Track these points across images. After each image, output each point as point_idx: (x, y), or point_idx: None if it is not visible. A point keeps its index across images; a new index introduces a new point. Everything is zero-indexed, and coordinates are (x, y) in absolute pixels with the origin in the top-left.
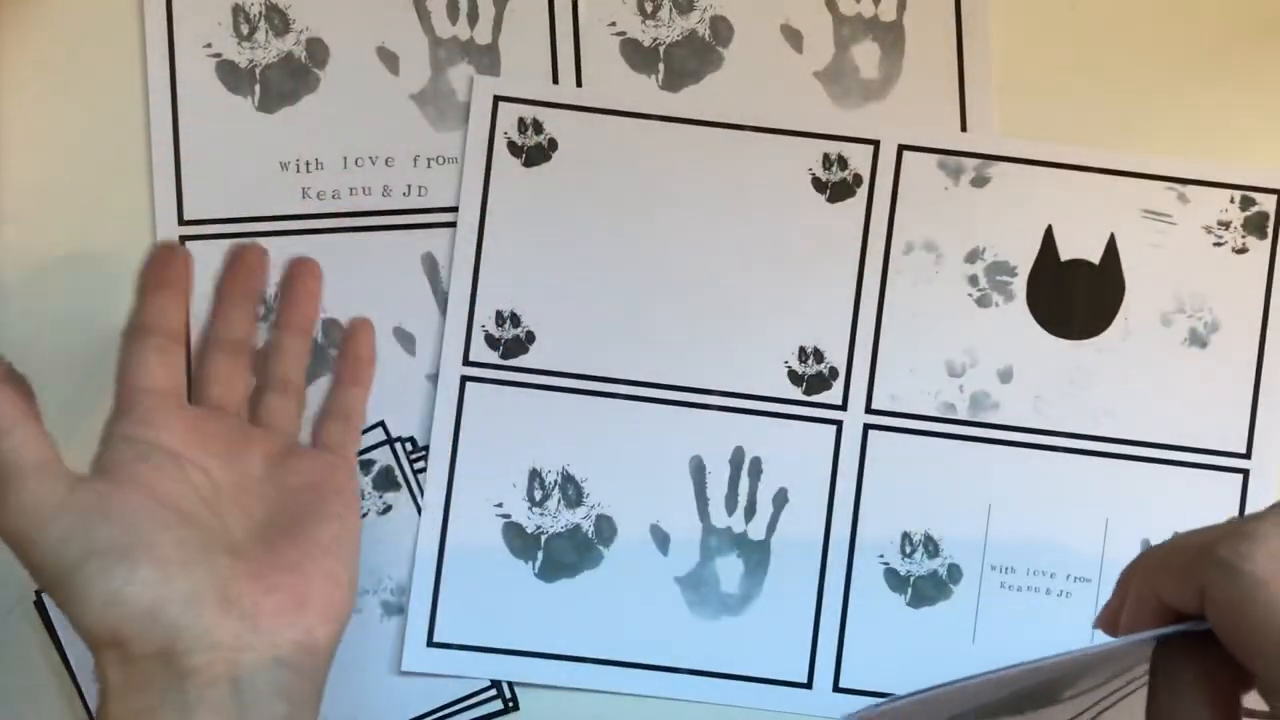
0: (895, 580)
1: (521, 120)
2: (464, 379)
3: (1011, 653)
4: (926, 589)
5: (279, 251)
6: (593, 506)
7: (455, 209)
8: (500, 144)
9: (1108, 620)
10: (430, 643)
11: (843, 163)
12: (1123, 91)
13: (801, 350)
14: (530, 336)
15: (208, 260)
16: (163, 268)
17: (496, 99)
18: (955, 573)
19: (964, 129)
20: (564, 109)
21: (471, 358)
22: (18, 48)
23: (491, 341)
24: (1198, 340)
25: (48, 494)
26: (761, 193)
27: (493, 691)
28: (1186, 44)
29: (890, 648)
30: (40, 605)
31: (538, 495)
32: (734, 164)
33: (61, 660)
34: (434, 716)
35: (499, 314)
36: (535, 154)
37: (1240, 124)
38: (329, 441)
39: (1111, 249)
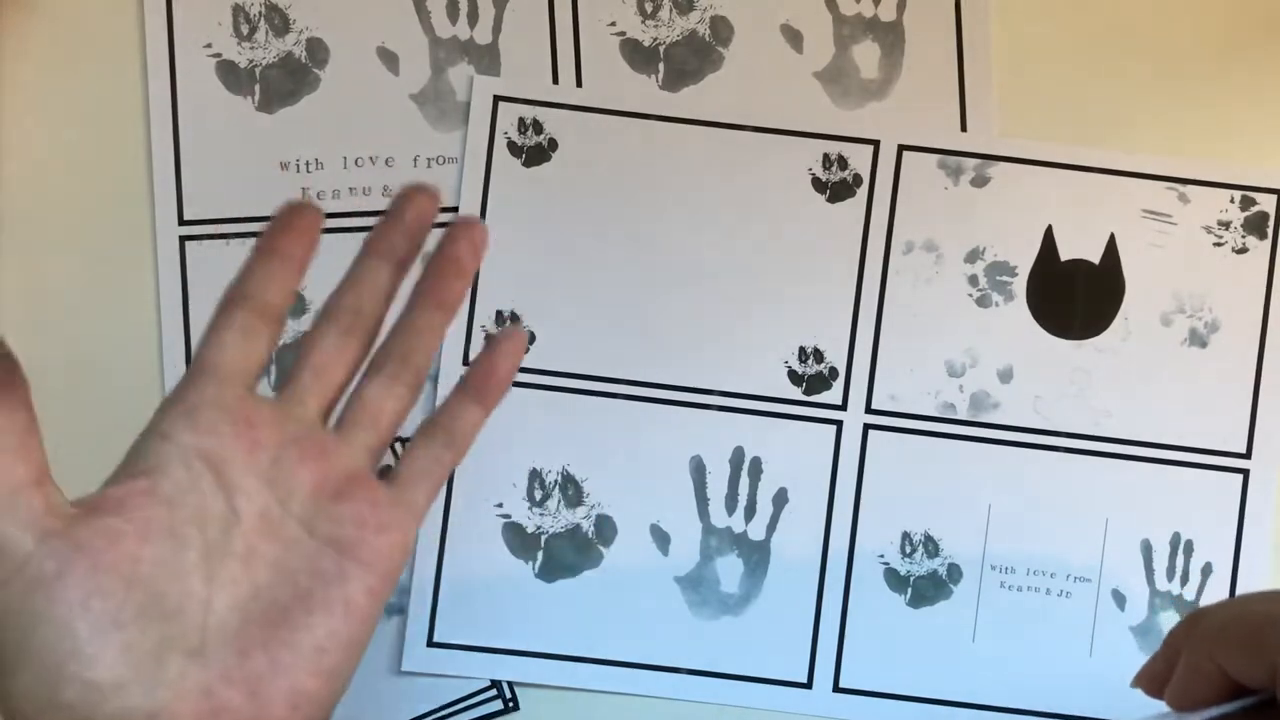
0: (895, 580)
1: (521, 120)
2: (457, 378)
3: (1011, 653)
4: (926, 589)
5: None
6: (593, 506)
7: (455, 209)
8: (500, 144)
9: (1151, 682)
10: (430, 643)
11: (843, 163)
12: (1123, 91)
13: (801, 350)
14: (530, 337)
15: (208, 259)
16: (282, 232)
17: (496, 99)
18: (955, 573)
19: (964, 129)
20: (564, 109)
21: (471, 358)
22: (18, 49)
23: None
24: (1198, 340)
25: (13, 545)
26: (761, 193)
27: (493, 691)
28: (1187, 44)
29: (890, 648)
30: None
31: (538, 495)
32: (734, 164)
33: None
34: (434, 716)
35: (499, 314)
36: (535, 154)
37: (1240, 124)
38: (411, 471)
39: (1111, 249)
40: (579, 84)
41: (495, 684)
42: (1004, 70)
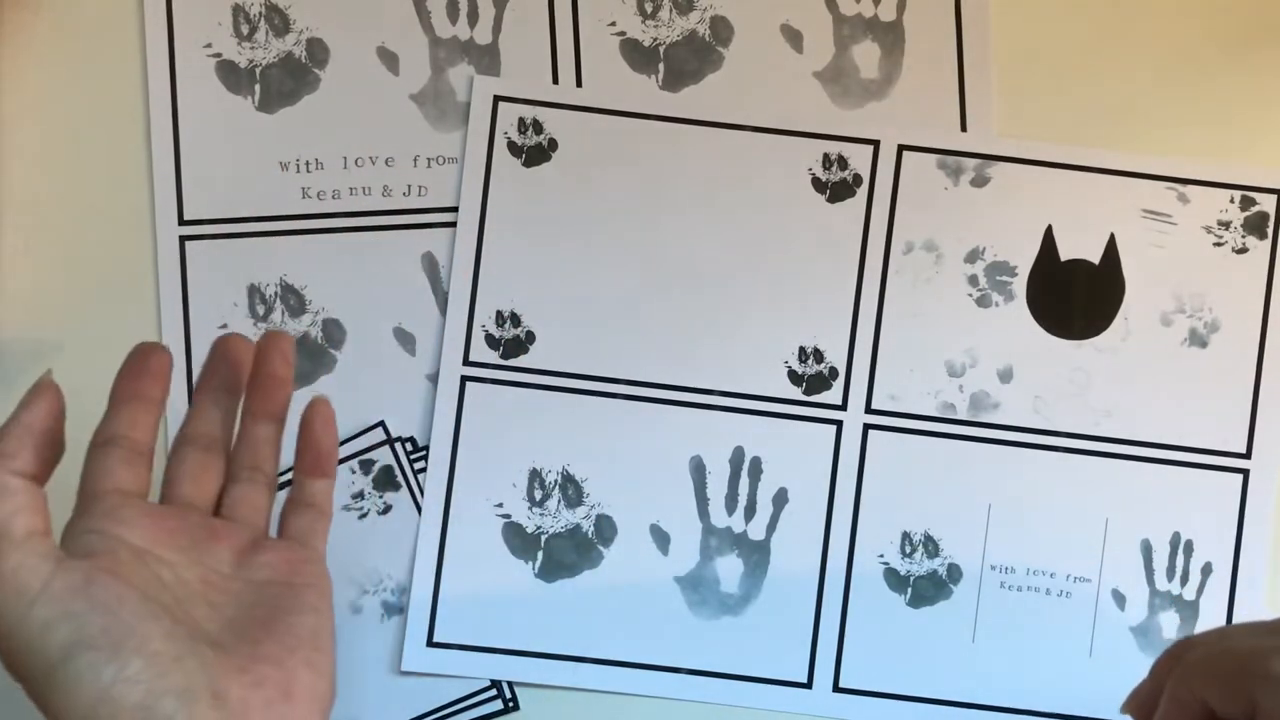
0: (895, 580)
1: (521, 120)
2: (464, 379)
3: (1011, 653)
4: (926, 589)
5: (279, 251)
6: (593, 506)
7: (455, 209)
8: (500, 144)
9: (1140, 708)
10: (430, 643)
11: (843, 163)
12: (1123, 91)
13: (801, 350)
14: (530, 336)
15: (208, 260)
16: (137, 378)
17: (496, 99)
18: (955, 573)
19: (964, 129)
20: (564, 109)
21: (471, 358)
22: (18, 48)
23: (491, 341)
24: (1198, 340)
25: (33, 571)
26: (761, 193)
27: (493, 691)
28: (1186, 45)
29: (890, 648)
30: None
31: (538, 495)
32: (734, 164)
33: None
34: (434, 716)
35: (499, 314)
36: (535, 154)
37: (1240, 124)
38: (296, 533)
39: (1111, 249)
40: (579, 84)
41: (495, 684)
42: (1004, 70)
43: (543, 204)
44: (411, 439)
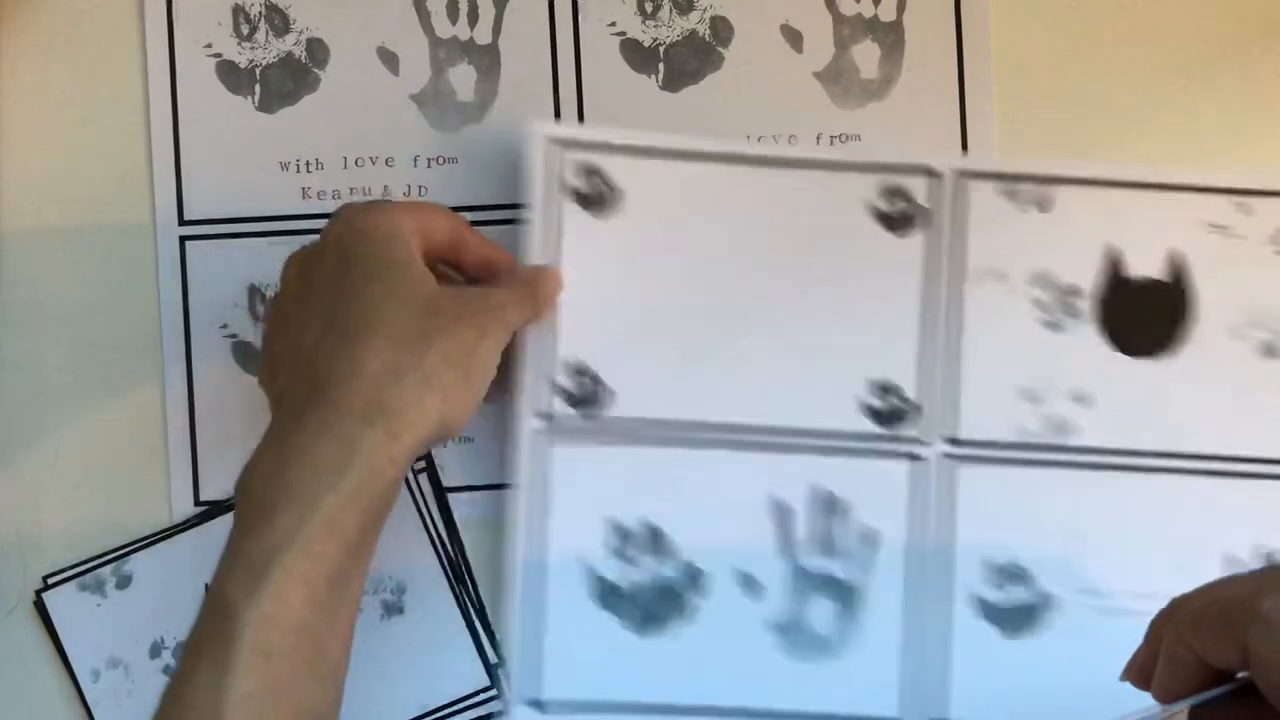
0: (988, 611)
1: (584, 167)
2: (535, 433)
3: (1113, 677)
4: (1019, 619)
5: (280, 251)
6: (678, 556)
7: (455, 209)
8: (564, 192)
9: (1138, 673)
10: (531, 701)
11: (903, 194)
12: (1123, 92)
13: (876, 385)
14: (604, 388)
15: (208, 260)
16: None
17: (554, 143)
18: (1049, 601)
19: (964, 128)
20: (624, 152)
21: (546, 409)
22: (18, 48)
23: (566, 395)
24: (1271, 352)
25: None
26: (823, 228)
27: (493, 691)
28: (1192, 45)
29: (990, 680)
30: (40, 605)
31: (623, 548)
32: (795, 201)
33: (61, 660)
34: (434, 716)
35: (565, 364)
36: (597, 201)
37: None
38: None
39: (1177, 265)
40: (579, 84)
41: None
42: (1003, 70)
43: (608, 252)
44: None
